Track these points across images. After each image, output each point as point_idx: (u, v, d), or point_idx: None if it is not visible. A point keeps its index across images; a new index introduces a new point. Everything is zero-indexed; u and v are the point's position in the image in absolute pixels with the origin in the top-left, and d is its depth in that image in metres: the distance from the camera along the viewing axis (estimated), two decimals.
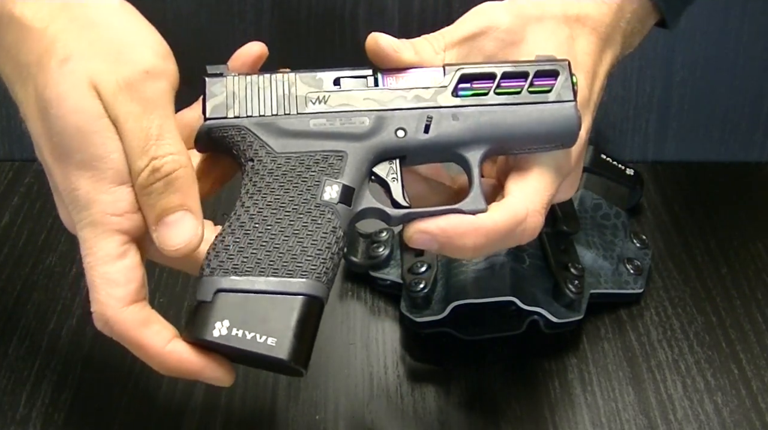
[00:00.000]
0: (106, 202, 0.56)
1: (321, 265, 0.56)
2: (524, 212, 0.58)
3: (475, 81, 0.60)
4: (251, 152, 0.58)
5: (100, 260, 0.56)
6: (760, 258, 0.81)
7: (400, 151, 0.59)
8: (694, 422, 0.67)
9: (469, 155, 0.59)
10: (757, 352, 0.72)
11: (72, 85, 0.56)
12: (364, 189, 0.59)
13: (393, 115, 0.59)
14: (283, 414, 0.67)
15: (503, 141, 0.59)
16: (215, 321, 0.55)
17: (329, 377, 0.70)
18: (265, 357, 0.54)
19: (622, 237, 0.80)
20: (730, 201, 0.88)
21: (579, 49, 0.63)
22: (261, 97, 0.60)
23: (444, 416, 0.67)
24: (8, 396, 0.68)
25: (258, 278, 0.55)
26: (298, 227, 0.57)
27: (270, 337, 0.54)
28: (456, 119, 0.59)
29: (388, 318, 0.75)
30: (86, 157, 0.56)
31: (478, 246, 0.58)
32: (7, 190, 0.88)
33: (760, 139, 0.94)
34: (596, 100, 0.64)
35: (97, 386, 0.69)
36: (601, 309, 0.75)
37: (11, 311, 0.75)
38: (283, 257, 0.56)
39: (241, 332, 0.54)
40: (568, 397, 0.69)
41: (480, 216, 0.58)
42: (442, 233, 0.57)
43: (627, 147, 0.93)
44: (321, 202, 0.57)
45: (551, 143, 0.60)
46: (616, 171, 0.83)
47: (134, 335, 0.56)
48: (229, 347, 0.55)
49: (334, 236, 0.57)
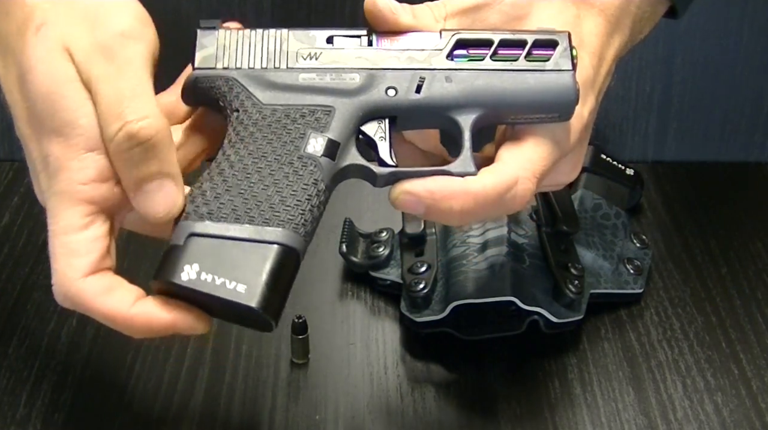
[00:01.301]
0: (74, 169, 0.55)
1: (299, 215, 0.55)
2: (514, 178, 0.57)
3: (472, 47, 0.59)
4: (237, 103, 0.58)
5: (61, 230, 0.55)
6: (760, 258, 0.81)
7: (390, 110, 0.58)
8: (694, 422, 0.67)
9: (461, 119, 0.58)
10: (757, 352, 0.72)
11: (45, 51, 0.56)
12: (350, 146, 0.57)
13: (384, 75, 0.58)
14: (283, 414, 0.67)
15: (497, 107, 0.58)
16: (185, 264, 0.53)
17: (329, 377, 0.70)
18: (234, 304, 0.53)
19: (622, 237, 0.80)
20: (730, 201, 0.88)
21: (586, 30, 0.62)
22: (251, 51, 0.59)
23: (444, 416, 0.67)
24: (8, 396, 0.68)
25: (233, 225, 0.54)
26: (279, 176, 0.56)
27: (240, 283, 0.53)
28: (449, 81, 0.58)
29: (388, 318, 0.75)
30: (57, 123, 0.55)
31: (465, 210, 0.56)
32: (7, 191, 0.88)
33: (760, 139, 0.94)
34: (602, 83, 0.63)
35: (97, 386, 0.69)
36: (601, 309, 0.75)
37: (11, 311, 0.75)
38: (260, 206, 0.55)
39: (210, 277, 0.53)
40: (568, 397, 0.69)
41: (469, 179, 0.56)
42: (429, 194, 0.56)
43: (627, 147, 0.93)
44: (304, 154, 0.56)
45: (547, 113, 0.58)
46: (616, 171, 0.83)
47: (95, 304, 0.54)
48: (197, 292, 0.53)
49: (315, 188, 0.56)
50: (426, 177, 0.57)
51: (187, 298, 0.54)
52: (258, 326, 0.56)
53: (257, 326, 0.56)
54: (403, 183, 0.57)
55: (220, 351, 0.71)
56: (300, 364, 0.71)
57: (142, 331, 0.55)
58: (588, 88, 0.61)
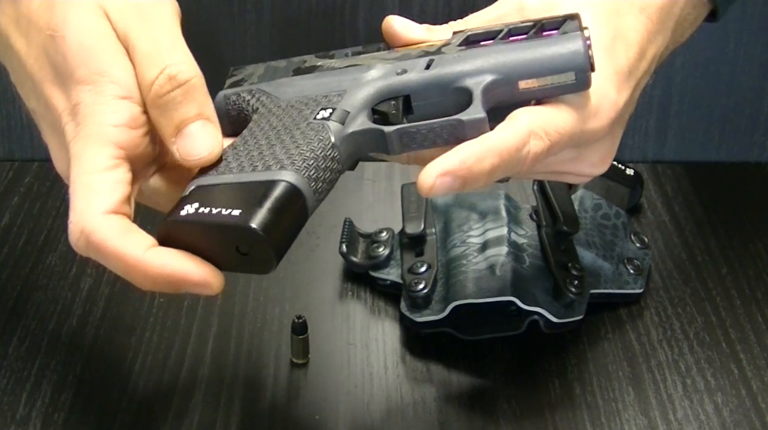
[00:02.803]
0: (105, 112, 0.55)
1: (302, 161, 0.54)
2: (527, 130, 0.55)
3: (483, 40, 0.59)
4: (259, 104, 0.60)
5: (85, 169, 0.54)
6: (760, 258, 0.81)
7: (401, 89, 0.58)
8: (694, 422, 0.67)
9: (472, 83, 0.57)
10: (757, 352, 0.72)
11: (81, 11, 0.57)
12: (360, 115, 0.57)
13: (396, 63, 0.59)
14: (283, 414, 0.67)
15: (507, 71, 0.57)
16: (185, 205, 0.53)
17: (329, 377, 0.70)
18: (230, 228, 0.51)
19: (622, 237, 0.80)
20: (730, 201, 0.88)
21: (625, 25, 0.61)
22: (276, 71, 0.62)
23: (444, 416, 0.67)
24: (8, 396, 0.68)
25: (237, 174, 0.54)
26: (285, 138, 0.56)
27: (236, 209, 0.52)
28: (458, 59, 0.58)
29: (388, 318, 0.75)
30: (89, 71, 0.56)
31: (494, 167, 0.54)
32: (7, 190, 0.88)
33: (760, 139, 0.94)
34: (640, 77, 0.61)
35: (97, 387, 0.69)
36: (601, 309, 0.75)
37: (11, 311, 0.75)
38: (264, 158, 0.55)
39: (207, 209, 0.52)
40: (568, 397, 0.69)
41: (487, 136, 0.55)
42: (462, 164, 0.54)
43: (627, 147, 0.93)
44: (313, 120, 0.57)
45: (559, 74, 0.57)
46: (616, 171, 0.83)
47: (111, 244, 0.53)
48: (195, 224, 0.52)
49: (321, 143, 0.55)
50: (448, 153, 0.54)
51: (188, 242, 0.53)
52: (259, 261, 0.53)
53: (259, 261, 0.53)
54: (430, 168, 0.54)
55: (220, 351, 0.71)
56: (300, 364, 0.71)
57: (155, 277, 0.53)
58: (623, 77, 0.59)
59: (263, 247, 0.51)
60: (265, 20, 0.87)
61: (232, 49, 0.63)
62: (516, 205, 0.79)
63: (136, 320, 0.74)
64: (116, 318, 0.74)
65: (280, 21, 0.87)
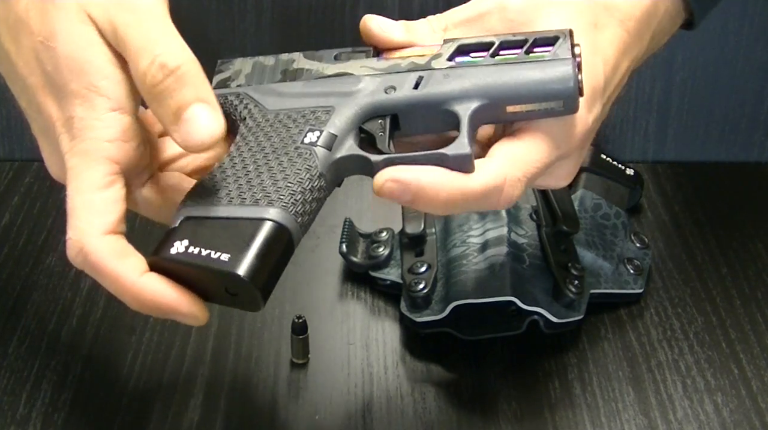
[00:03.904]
0: (98, 127, 0.56)
1: (290, 196, 0.55)
2: (502, 179, 0.56)
3: (473, 52, 0.59)
4: (246, 112, 0.60)
5: (84, 187, 0.55)
6: (760, 258, 0.81)
7: (389, 108, 0.58)
8: (694, 422, 0.67)
9: (459, 108, 0.57)
10: (757, 352, 0.72)
11: (66, 16, 0.56)
12: (348, 139, 0.58)
13: (385, 78, 0.59)
14: (283, 414, 0.67)
15: (495, 96, 0.57)
16: (175, 241, 0.54)
17: (329, 377, 0.70)
18: (218, 273, 0.53)
19: (622, 237, 0.80)
20: (730, 201, 0.88)
21: (603, 39, 0.61)
22: (264, 71, 0.62)
23: (444, 416, 0.67)
24: (8, 396, 0.68)
25: (225, 207, 0.55)
26: (274, 165, 0.56)
27: (225, 253, 0.53)
28: (447, 77, 0.58)
29: (388, 318, 0.75)
30: (79, 86, 0.56)
31: (450, 203, 0.55)
32: (7, 190, 0.88)
33: (760, 139, 0.94)
34: (612, 93, 0.62)
35: (97, 386, 0.69)
36: (601, 309, 0.75)
37: (11, 311, 0.75)
38: (253, 189, 0.55)
39: (197, 250, 0.53)
40: (568, 397, 0.69)
41: (458, 174, 0.55)
42: (416, 183, 0.55)
43: (627, 147, 0.93)
44: (300, 145, 0.57)
45: (547, 101, 0.57)
46: (616, 171, 0.84)
47: (108, 264, 0.54)
48: (184, 263, 0.53)
49: (308, 173, 0.56)
50: (412, 165, 0.55)
51: (177, 275, 0.54)
52: (247, 302, 0.55)
53: (247, 302, 0.55)
54: (388, 170, 0.55)
55: (220, 351, 0.71)
56: (300, 364, 0.71)
57: (146, 302, 0.54)
58: (597, 96, 0.60)
59: (250, 291, 0.53)
60: (265, 20, 0.87)
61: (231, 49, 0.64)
62: (516, 205, 0.79)
63: (136, 320, 0.74)
64: (116, 318, 0.74)
65: (280, 21, 0.87)
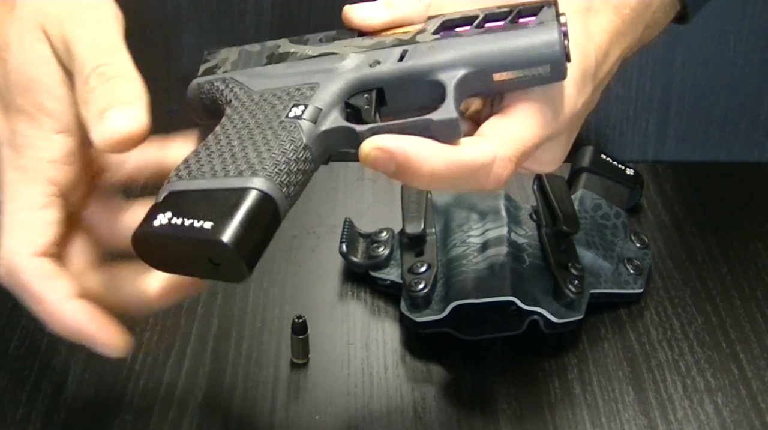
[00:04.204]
0: (42, 147, 0.55)
1: (274, 166, 0.54)
2: (492, 156, 0.55)
3: (458, 26, 0.59)
4: (232, 95, 0.59)
5: (20, 206, 0.55)
6: (760, 258, 0.81)
7: (374, 82, 0.58)
8: (694, 422, 0.67)
9: (445, 77, 0.56)
10: (757, 352, 0.72)
11: (20, 28, 0.56)
12: (333, 112, 0.57)
13: (369, 53, 0.59)
14: (283, 414, 0.67)
15: (482, 64, 0.56)
16: (158, 214, 0.53)
17: (329, 377, 0.70)
18: (202, 242, 0.52)
19: (622, 237, 0.80)
20: (730, 201, 0.88)
21: (595, 24, 0.60)
22: (250, 57, 0.61)
23: (444, 416, 0.67)
24: (8, 396, 0.68)
25: (209, 180, 0.54)
26: (258, 138, 0.56)
27: (207, 221, 0.52)
28: (432, 49, 0.58)
29: (388, 318, 0.75)
30: (28, 102, 0.56)
31: (435, 175, 0.54)
32: None
33: (760, 139, 0.94)
34: (603, 78, 0.61)
35: (97, 386, 0.69)
36: (601, 309, 0.75)
37: (11, 311, 0.75)
38: (236, 162, 0.54)
39: (180, 221, 0.52)
40: (568, 397, 0.69)
41: (446, 146, 0.54)
42: (401, 152, 0.53)
43: (627, 147, 0.93)
44: (285, 119, 0.56)
45: (535, 67, 0.56)
46: (616, 171, 0.84)
47: (35, 285, 0.54)
48: (168, 236, 0.52)
49: (293, 144, 0.55)
50: (400, 134, 0.54)
51: (163, 250, 0.54)
52: (232, 272, 0.53)
53: (231, 272, 0.53)
54: (374, 138, 0.54)
55: (220, 351, 0.71)
56: (300, 364, 0.71)
57: (67, 327, 0.55)
58: (588, 79, 0.59)
59: (235, 259, 0.52)
60: (265, 20, 0.87)
61: None
62: (516, 205, 0.79)
63: (136, 320, 0.73)
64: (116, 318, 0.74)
65: (280, 21, 0.87)
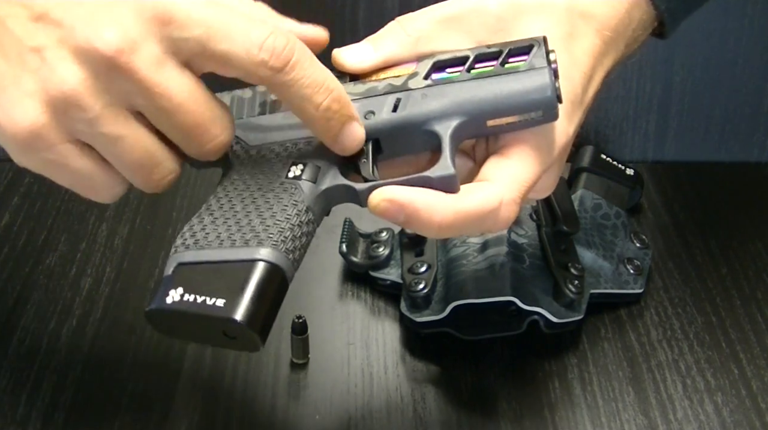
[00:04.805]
0: None
1: (278, 233, 0.55)
2: (498, 201, 0.56)
3: (449, 67, 0.59)
4: (230, 152, 0.60)
5: None
6: (760, 258, 0.81)
7: (370, 133, 0.58)
8: (694, 422, 0.67)
9: (440, 128, 0.58)
10: (757, 352, 0.72)
11: None
12: (332, 169, 0.58)
13: (363, 102, 0.59)
14: (283, 414, 0.67)
15: (474, 112, 0.58)
16: (170, 290, 0.54)
17: (329, 377, 0.70)
18: (216, 319, 0.53)
19: (622, 237, 0.80)
20: (730, 201, 0.88)
21: (579, 48, 0.61)
22: (242, 106, 0.61)
23: (444, 416, 0.67)
24: (8, 396, 0.68)
25: (216, 250, 0.55)
26: (260, 203, 0.57)
27: (220, 298, 0.53)
28: (425, 97, 0.58)
29: (388, 318, 0.75)
30: None
31: (444, 226, 0.55)
32: (7, 190, 0.88)
33: (760, 139, 0.94)
34: (588, 103, 0.62)
35: (97, 386, 0.69)
36: (601, 309, 0.75)
37: (11, 311, 0.75)
38: (242, 230, 0.56)
39: (192, 297, 0.54)
40: (568, 397, 0.69)
41: (453, 196, 0.56)
42: (410, 204, 0.55)
43: (627, 147, 0.93)
44: (285, 180, 0.57)
45: (527, 113, 0.57)
46: (616, 171, 0.84)
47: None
48: (181, 313, 0.54)
49: (295, 208, 0.56)
50: (413, 188, 0.56)
51: (176, 323, 0.55)
52: (246, 344, 0.56)
53: (246, 344, 0.56)
54: (383, 190, 0.56)
55: (220, 351, 0.71)
56: (300, 364, 0.71)
57: None
58: (576, 107, 0.60)
59: (249, 334, 0.54)
60: None
61: None
62: None
63: (136, 320, 0.74)
64: (116, 318, 0.74)
65: None
